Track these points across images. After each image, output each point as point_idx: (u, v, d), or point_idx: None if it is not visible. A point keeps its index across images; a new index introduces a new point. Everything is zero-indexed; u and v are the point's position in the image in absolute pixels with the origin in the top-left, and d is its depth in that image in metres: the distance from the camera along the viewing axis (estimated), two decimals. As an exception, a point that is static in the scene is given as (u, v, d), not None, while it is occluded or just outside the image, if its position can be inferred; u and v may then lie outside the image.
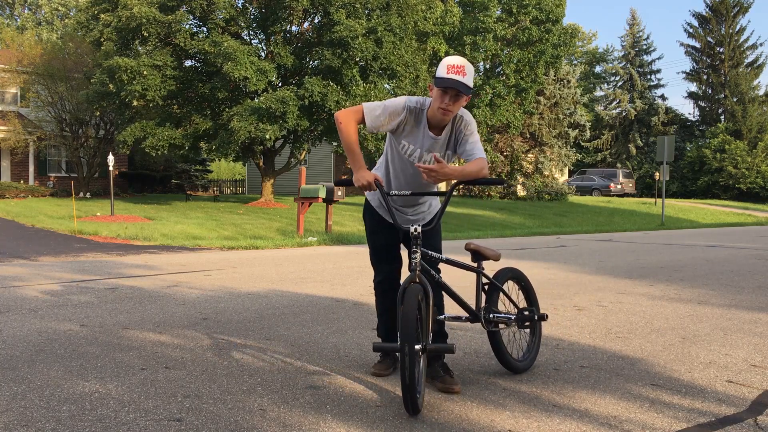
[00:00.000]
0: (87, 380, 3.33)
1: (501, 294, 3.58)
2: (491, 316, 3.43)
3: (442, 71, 3.07)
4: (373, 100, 19.63)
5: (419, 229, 3.07)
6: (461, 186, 3.28)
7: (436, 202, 3.58)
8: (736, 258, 10.19)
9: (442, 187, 3.40)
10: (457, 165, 3.20)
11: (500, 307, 3.57)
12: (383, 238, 3.50)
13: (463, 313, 3.46)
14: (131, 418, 2.80)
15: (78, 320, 4.80)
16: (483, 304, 3.47)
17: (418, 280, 2.99)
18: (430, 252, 3.25)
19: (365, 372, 3.56)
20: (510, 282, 3.72)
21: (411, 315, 2.82)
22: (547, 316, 3.70)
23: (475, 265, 3.50)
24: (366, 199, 3.57)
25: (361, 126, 3.23)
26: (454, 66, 3.06)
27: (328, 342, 4.25)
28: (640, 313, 5.42)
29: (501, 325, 3.50)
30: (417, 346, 2.83)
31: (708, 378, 3.55)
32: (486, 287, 3.54)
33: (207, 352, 3.94)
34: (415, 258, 3.05)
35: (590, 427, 2.80)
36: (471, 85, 3.09)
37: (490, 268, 3.77)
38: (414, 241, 3.07)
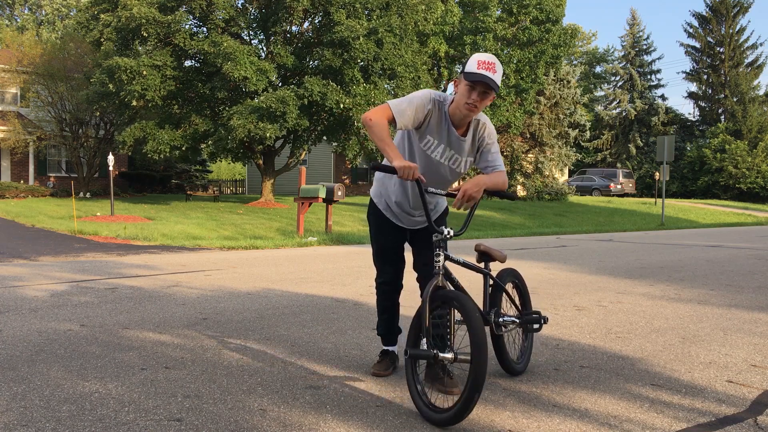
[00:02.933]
0: (87, 380, 3.33)
1: (504, 296, 3.58)
2: (501, 320, 3.41)
3: (472, 66, 2.99)
4: (373, 101, 19.66)
5: (452, 232, 3.02)
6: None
7: (442, 201, 3.53)
8: (736, 258, 10.19)
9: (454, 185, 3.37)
10: (482, 175, 3.17)
11: (502, 308, 3.57)
12: (389, 240, 3.48)
13: None
14: (131, 418, 2.80)
15: (78, 320, 4.80)
16: (490, 307, 3.45)
17: (442, 284, 2.96)
18: (451, 255, 3.20)
19: (365, 372, 3.56)
20: (509, 283, 3.72)
21: (481, 331, 2.73)
22: (547, 319, 3.70)
23: (482, 265, 3.49)
24: (371, 201, 3.55)
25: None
26: (485, 62, 2.98)
27: (328, 342, 4.25)
28: (640, 313, 5.42)
29: (505, 328, 3.49)
30: (449, 355, 2.81)
31: (708, 378, 3.55)
32: (491, 289, 3.53)
33: (207, 352, 3.94)
34: (439, 261, 3.01)
35: (590, 427, 2.80)
36: (499, 83, 3.03)
37: (493, 268, 3.76)
38: (437, 244, 3.02)
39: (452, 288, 3.04)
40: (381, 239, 3.50)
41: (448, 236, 3.01)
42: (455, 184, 3.40)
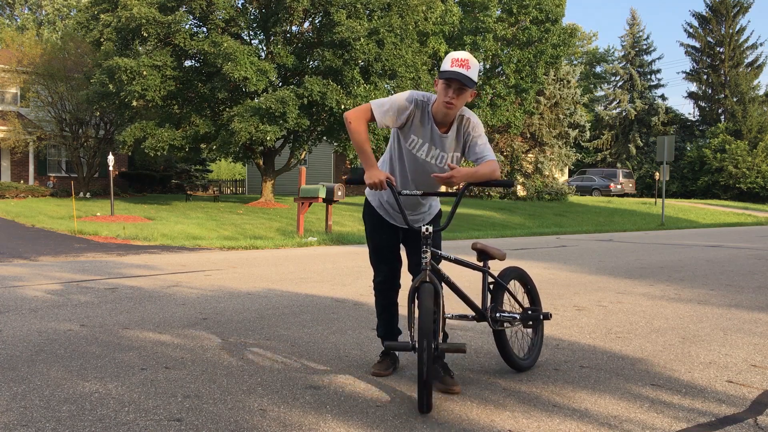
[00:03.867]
0: (87, 380, 3.33)
1: (506, 293, 3.59)
2: (497, 315, 3.44)
3: (446, 64, 3.09)
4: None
5: (431, 229, 3.07)
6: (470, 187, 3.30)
7: (436, 203, 3.57)
8: (736, 258, 10.19)
9: (447, 188, 3.40)
10: (468, 167, 3.20)
11: (505, 305, 3.59)
12: (384, 239, 3.51)
13: (469, 312, 3.47)
14: (131, 418, 2.80)
15: (78, 320, 4.80)
16: (489, 304, 3.47)
17: (429, 280, 2.99)
18: (440, 252, 3.25)
19: (365, 372, 3.56)
20: (514, 281, 3.73)
21: (429, 313, 2.87)
22: (550, 315, 3.70)
23: (481, 264, 3.51)
24: (366, 200, 3.57)
25: (371, 124, 3.25)
26: (459, 59, 3.08)
27: (328, 342, 4.25)
28: (640, 313, 5.42)
29: (506, 324, 3.51)
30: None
31: (708, 378, 3.55)
32: (491, 286, 3.55)
33: (207, 352, 3.94)
34: (426, 257, 3.05)
35: (590, 427, 2.80)
36: (475, 79, 3.10)
37: (494, 267, 3.77)
38: (424, 241, 3.07)
39: (438, 283, 3.07)
40: (376, 237, 3.52)
41: (426, 233, 3.05)
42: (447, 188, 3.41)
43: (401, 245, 3.55)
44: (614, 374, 3.60)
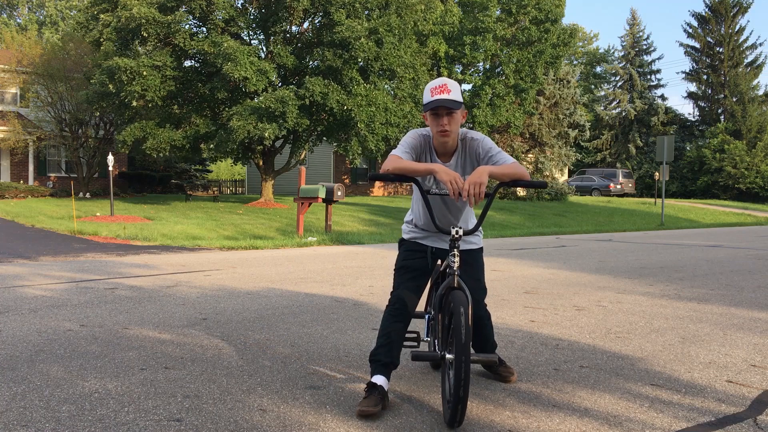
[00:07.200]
0: (87, 380, 3.33)
1: None
2: None
3: (426, 97, 3.06)
4: (374, 101, 19.68)
5: (460, 232, 2.92)
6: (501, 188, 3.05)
7: (471, 219, 3.41)
8: (736, 258, 10.19)
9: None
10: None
11: None
12: (416, 262, 3.28)
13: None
14: (131, 418, 2.80)
15: (78, 320, 4.80)
16: None
17: (458, 285, 2.85)
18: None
19: (365, 372, 3.56)
20: None
21: (464, 324, 2.70)
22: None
23: None
24: (401, 238, 3.42)
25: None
26: (437, 87, 3.04)
27: (328, 342, 4.25)
28: (640, 313, 5.42)
29: None
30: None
31: (708, 378, 3.55)
32: None
33: (207, 352, 3.94)
34: (455, 261, 2.90)
35: (590, 426, 2.80)
36: (459, 99, 3.03)
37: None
38: (452, 245, 2.91)
39: (467, 288, 2.91)
40: (408, 258, 3.30)
41: (456, 235, 2.90)
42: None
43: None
44: (614, 374, 3.60)
